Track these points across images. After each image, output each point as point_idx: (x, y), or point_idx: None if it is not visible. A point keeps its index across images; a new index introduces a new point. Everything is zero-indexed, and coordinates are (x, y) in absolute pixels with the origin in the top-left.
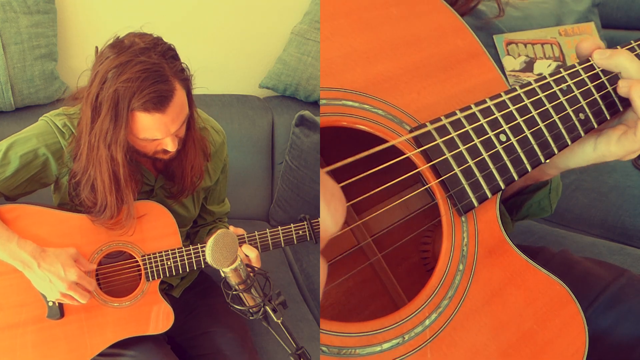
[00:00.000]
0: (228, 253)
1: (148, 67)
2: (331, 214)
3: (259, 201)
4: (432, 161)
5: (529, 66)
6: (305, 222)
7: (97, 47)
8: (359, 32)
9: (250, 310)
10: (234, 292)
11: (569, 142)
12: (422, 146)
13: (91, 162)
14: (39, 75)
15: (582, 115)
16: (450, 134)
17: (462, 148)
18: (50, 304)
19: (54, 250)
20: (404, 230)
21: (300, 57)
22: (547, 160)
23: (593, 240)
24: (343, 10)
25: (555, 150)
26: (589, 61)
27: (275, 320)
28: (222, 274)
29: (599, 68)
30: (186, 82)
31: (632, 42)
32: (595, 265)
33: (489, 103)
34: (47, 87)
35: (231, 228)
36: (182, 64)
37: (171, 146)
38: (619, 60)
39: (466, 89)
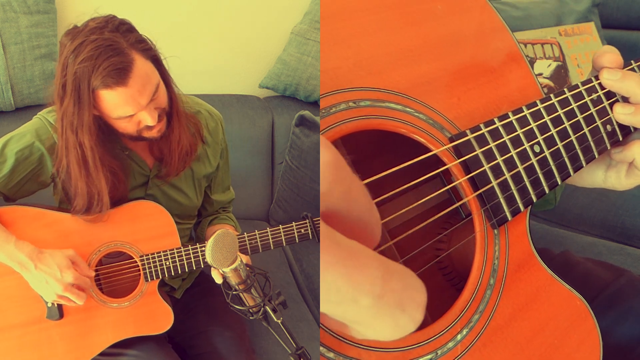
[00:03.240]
0: (228, 253)
1: (100, 44)
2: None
3: (259, 201)
4: (470, 172)
5: None
6: (307, 221)
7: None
8: (405, 28)
9: (250, 310)
10: (234, 292)
11: (596, 155)
12: (462, 155)
13: (62, 149)
14: (39, 75)
15: (609, 128)
16: (489, 144)
17: (499, 160)
18: (50, 304)
19: (51, 251)
20: (420, 228)
21: (300, 57)
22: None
23: (593, 240)
24: (388, 3)
25: (584, 164)
26: None
27: (275, 320)
28: (222, 274)
29: (602, 90)
30: (149, 52)
31: (632, 62)
32: (595, 265)
33: (526, 112)
34: (47, 87)
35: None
36: (141, 35)
37: (150, 120)
38: (630, 84)
39: (504, 94)
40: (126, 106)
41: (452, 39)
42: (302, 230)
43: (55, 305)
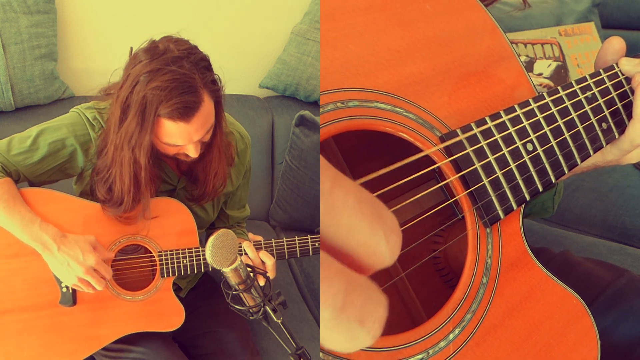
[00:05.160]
0: (228, 253)
1: (178, 77)
2: (390, 250)
3: (259, 201)
4: (461, 171)
5: (529, 66)
6: None
7: (131, 48)
8: (393, 29)
9: (250, 310)
10: (234, 292)
11: (592, 153)
12: (452, 154)
13: (115, 161)
14: (39, 75)
15: (604, 125)
16: (480, 143)
17: (491, 158)
18: (64, 289)
19: (74, 236)
20: (415, 227)
21: (300, 57)
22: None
23: (593, 240)
24: (377, 4)
25: (579, 162)
26: (613, 68)
27: (275, 320)
28: (222, 274)
29: (622, 76)
30: (216, 93)
31: None
32: (595, 265)
33: (518, 111)
34: (47, 87)
35: (250, 235)
36: (214, 75)
37: (193, 152)
38: None
39: (495, 93)
40: (179, 138)
41: (441, 39)
42: (317, 244)
43: (70, 291)
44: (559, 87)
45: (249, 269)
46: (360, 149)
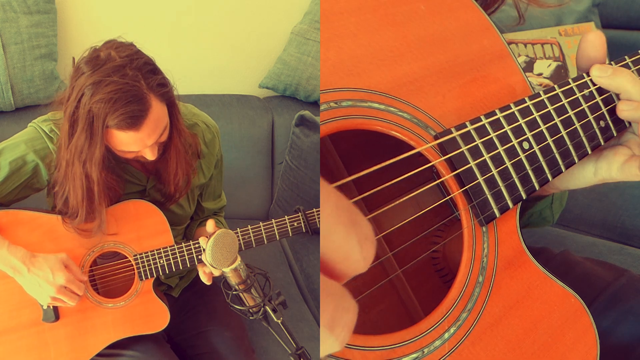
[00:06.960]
0: (228, 253)
1: (121, 87)
2: (363, 256)
3: (259, 201)
4: (456, 169)
5: (529, 66)
6: (299, 214)
7: (73, 59)
8: (386, 29)
9: (250, 310)
10: (234, 292)
11: (589, 151)
12: (447, 153)
13: (67, 176)
14: (39, 75)
15: (602, 123)
16: (475, 141)
17: (486, 156)
18: (45, 307)
19: (44, 255)
20: (413, 227)
21: (300, 57)
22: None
23: (593, 240)
24: (370, 5)
25: (576, 160)
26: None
27: (275, 320)
28: (222, 274)
29: (594, 86)
30: (166, 94)
31: (626, 57)
32: (595, 265)
33: (514, 109)
34: (47, 87)
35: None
36: (162, 77)
37: (150, 155)
38: (621, 81)
39: (491, 92)
40: (133, 145)
41: (435, 39)
42: (295, 224)
43: (51, 307)
44: (555, 85)
45: (249, 269)
46: (358, 149)
